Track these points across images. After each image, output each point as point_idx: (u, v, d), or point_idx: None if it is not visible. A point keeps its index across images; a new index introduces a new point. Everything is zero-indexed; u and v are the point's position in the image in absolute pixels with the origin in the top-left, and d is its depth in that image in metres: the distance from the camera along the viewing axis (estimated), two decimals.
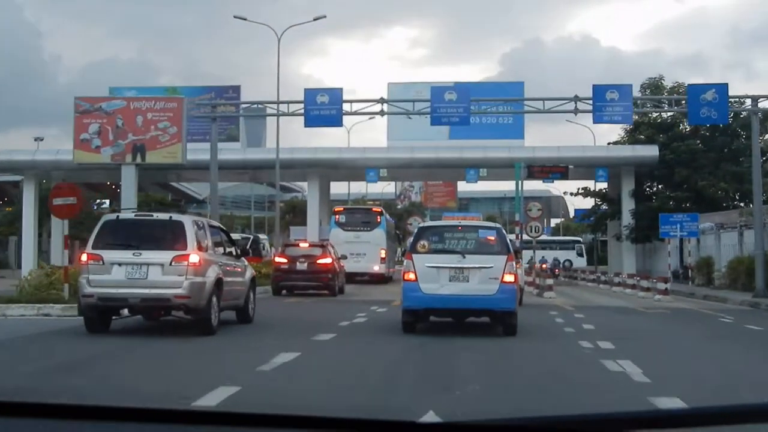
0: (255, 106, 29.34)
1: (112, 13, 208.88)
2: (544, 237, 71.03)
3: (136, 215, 14.60)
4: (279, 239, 37.97)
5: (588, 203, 60.14)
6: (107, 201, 69.01)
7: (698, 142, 45.44)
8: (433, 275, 13.31)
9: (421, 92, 46.95)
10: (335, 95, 28.49)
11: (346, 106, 28.71)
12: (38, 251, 49.10)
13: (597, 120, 28.05)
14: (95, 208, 67.18)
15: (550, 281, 29.66)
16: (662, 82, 47.39)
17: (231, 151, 46.21)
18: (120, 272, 12.81)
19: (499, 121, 46.15)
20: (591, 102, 27.86)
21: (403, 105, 28.68)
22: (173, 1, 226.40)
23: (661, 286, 28.95)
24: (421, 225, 15.84)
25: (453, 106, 28.00)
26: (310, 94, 28.58)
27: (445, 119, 28.38)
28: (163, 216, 13.83)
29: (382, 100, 28.43)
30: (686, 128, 47.01)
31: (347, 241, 38.33)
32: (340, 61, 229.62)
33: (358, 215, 40.74)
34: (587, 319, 18.71)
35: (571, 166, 39.23)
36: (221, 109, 47.62)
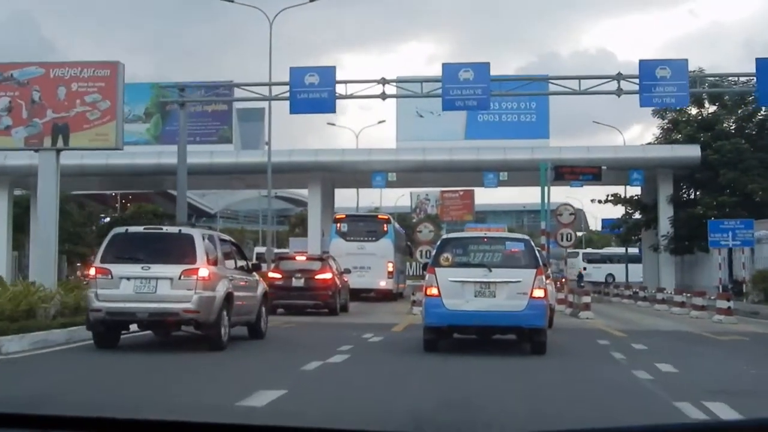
0: (241, 89, 24.30)
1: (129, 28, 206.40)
2: (606, 250, 65.66)
3: (145, 228, 14.58)
4: (271, 252, 33.27)
5: (615, 212, 55.14)
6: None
7: (743, 141, 40.41)
8: (457, 290, 12.93)
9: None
10: (327, 75, 23.79)
11: (340, 89, 24.03)
12: (17, 267, 45.12)
13: (645, 102, 23.20)
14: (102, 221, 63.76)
15: (587, 299, 24.84)
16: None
17: (223, 154, 41.81)
18: (128, 286, 12.87)
19: (521, 118, 41.54)
20: (637, 81, 23.09)
21: (410, 87, 23.88)
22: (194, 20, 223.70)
23: (722, 304, 24.06)
24: (445, 237, 15.03)
25: (469, 87, 23.26)
26: (297, 73, 23.90)
27: (460, 102, 23.58)
28: (172, 229, 13.99)
29: (383, 81, 23.70)
30: (730, 126, 42.04)
31: (350, 253, 33.91)
32: (354, 75, 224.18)
33: (363, 224, 35.98)
34: (653, 352, 14.01)
35: (604, 167, 34.35)
36: (212, 108, 43.38)
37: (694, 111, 42.84)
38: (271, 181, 35.25)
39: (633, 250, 54.74)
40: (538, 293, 12.86)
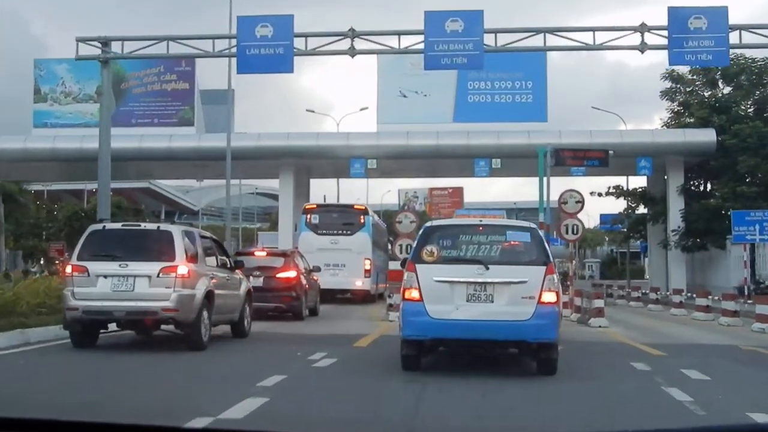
0: (177, 43, 19.66)
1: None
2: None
3: (123, 225, 14.59)
4: (229, 247, 28.89)
5: (613, 207, 50.86)
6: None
7: (763, 125, 36.24)
8: (444, 293, 10.50)
9: (418, 64, 38.30)
10: (283, 26, 19.26)
11: (299, 43, 19.60)
12: None
13: (675, 60, 18.89)
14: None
15: (599, 303, 20.55)
16: None
17: (183, 138, 37.44)
18: (106, 284, 12.67)
19: (516, 99, 37.45)
20: (665, 34, 18.78)
21: (385, 41, 19.44)
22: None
23: (764, 309, 19.77)
24: (429, 224, 11.91)
25: (459, 41, 18.81)
26: (246, 24, 19.34)
27: (447, 60, 19.09)
28: (151, 226, 13.98)
29: (352, 33, 19.19)
30: (748, 109, 37.90)
31: (322, 249, 29.70)
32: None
33: (336, 215, 31.56)
34: (721, 384, 9.89)
35: (611, 152, 30.07)
36: (172, 86, 39.01)
37: (707, 93, 38.74)
38: (230, 166, 30.80)
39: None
40: (549, 297, 10.34)
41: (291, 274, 21.66)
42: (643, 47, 18.92)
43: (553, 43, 19.18)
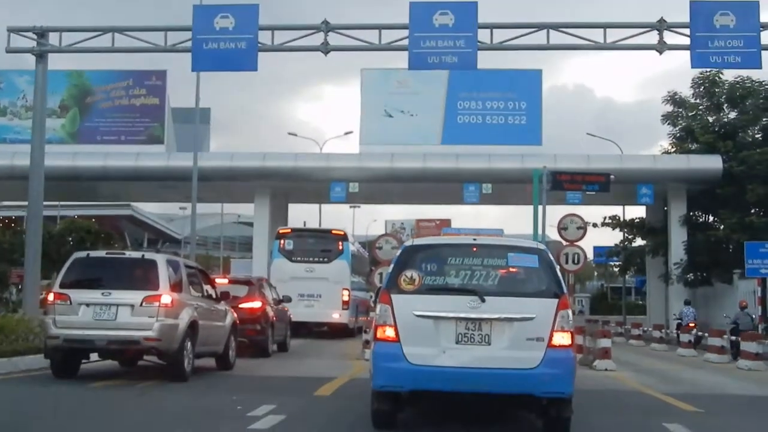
0: (124, 35, 16.96)
1: None
2: None
3: (107, 253, 14.71)
4: None
5: (607, 239, 48.40)
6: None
7: None
8: (427, 332, 8.26)
9: (405, 82, 36.03)
10: (246, 17, 16.61)
11: (265, 37, 17.03)
12: None
13: (698, 62, 16.40)
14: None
15: (606, 342, 17.96)
16: (720, 75, 36.09)
17: (151, 156, 34.85)
18: (87, 313, 12.48)
19: (509, 121, 35.07)
20: (687, 32, 16.34)
21: (364, 36, 16.93)
22: None
23: None
24: (409, 244, 9.24)
25: (449, 36, 16.21)
26: (203, 13, 16.74)
27: (434, 58, 16.50)
28: (135, 254, 14.19)
29: (326, 26, 16.57)
30: (755, 134, 35.64)
31: (296, 277, 27.36)
32: (338, 107, 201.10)
33: (312, 240, 28.98)
34: None
35: (612, 176, 27.67)
36: (141, 101, 36.50)
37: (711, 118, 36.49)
38: (196, 185, 28.26)
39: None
40: (562, 339, 8.25)
41: (255, 304, 19.37)
42: (661, 47, 16.45)
43: (558, 40, 16.71)
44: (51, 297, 12.94)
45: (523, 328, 8.20)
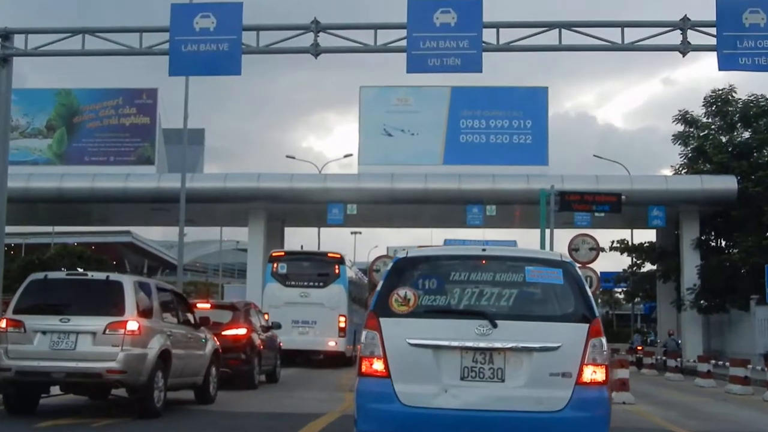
0: (95, 36, 15.60)
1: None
2: None
3: (67, 274, 13.63)
4: None
5: (614, 264, 46.93)
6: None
7: None
8: (425, 365, 6.83)
9: (405, 100, 34.75)
10: (229, 16, 15.14)
11: (249, 38, 15.64)
12: None
13: (725, 64, 14.96)
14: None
15: (623, 373, 16.48)
16: (733, 94, 34.84)
17: (141, 178, 33.49)
18: (44, 342, 11.23)
19: (514, 140, 33.75)
20: (713, 32, 14.95)
21: (358, 37, 15.53)
22: None
23: None
24: (403, 255, 7.45)
25: (451, 37, 14.82)
26: (181, 13, 15.26)
27: (435, 60, 15.05)
28: (99, 275, 12.52)
29: (316, 26, 15.20)
30: None
31: (290, 303, 26.03)
32: (343, 136, 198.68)
33: (307, 263, 27.51)
34: None
35: (623, 197, 26.29)
36: (131, 121, 35.19)
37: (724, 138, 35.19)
38: (184, 205, 26.83)
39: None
40: (595, 374, 6.77)
41: (240, 331, 17.99)
42: (685, 47, 15.05)
43: (571, 41, 15.30)
44: (3, 324, 11.70)
45: (545, 361, 6.82)
